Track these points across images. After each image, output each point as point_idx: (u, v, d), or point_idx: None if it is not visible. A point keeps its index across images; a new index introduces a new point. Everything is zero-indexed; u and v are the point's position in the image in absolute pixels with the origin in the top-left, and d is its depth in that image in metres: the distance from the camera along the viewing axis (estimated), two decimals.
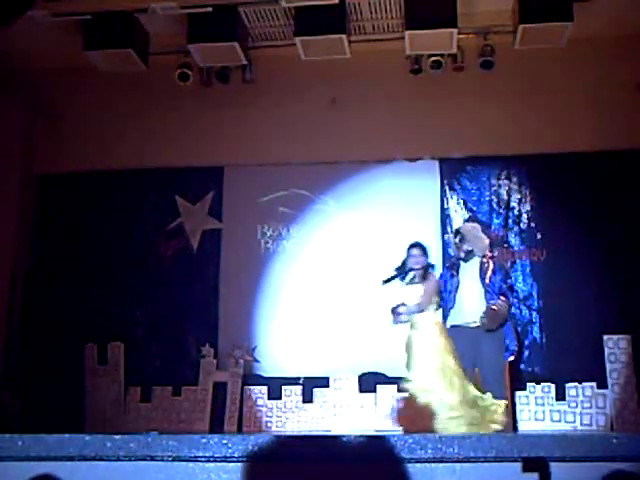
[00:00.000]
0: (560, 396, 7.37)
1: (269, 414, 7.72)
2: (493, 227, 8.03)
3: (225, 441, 2.60)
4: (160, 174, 8.50)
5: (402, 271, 5.70)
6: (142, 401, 7.93)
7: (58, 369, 7.93)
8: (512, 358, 6.16)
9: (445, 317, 5.95)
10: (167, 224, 8.44)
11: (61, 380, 7.89)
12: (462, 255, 5.89)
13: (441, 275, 6.00)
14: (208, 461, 2.60)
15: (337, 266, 8.06)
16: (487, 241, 6.07)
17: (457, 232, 5.95)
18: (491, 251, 6.40)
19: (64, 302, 8.23)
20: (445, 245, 8.00)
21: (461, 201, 8.12)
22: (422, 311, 5.49)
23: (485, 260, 5.87)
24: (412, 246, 5.71)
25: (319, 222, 8.24)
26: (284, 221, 8.30)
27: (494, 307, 5.65)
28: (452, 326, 5.83)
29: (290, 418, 7.70)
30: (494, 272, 5.81)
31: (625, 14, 7.32)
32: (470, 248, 5.88)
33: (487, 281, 5.82)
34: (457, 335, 5.62)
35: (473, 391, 5.38)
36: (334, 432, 7.30)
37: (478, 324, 5.74)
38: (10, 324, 8.23)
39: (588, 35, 7.39)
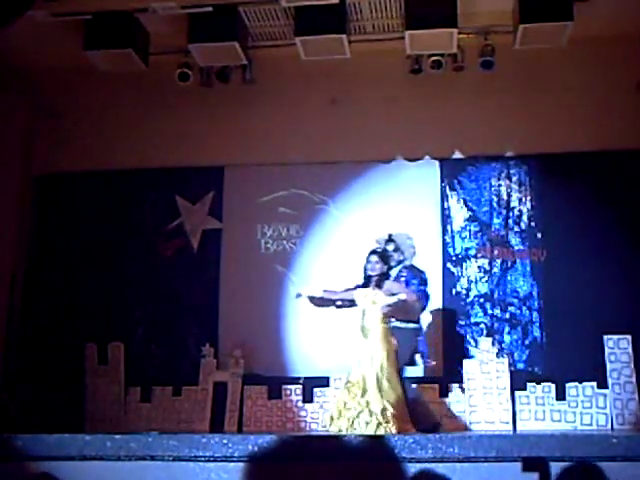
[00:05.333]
0: (560, 396, 7.37)
1: (269, 414, 7.72)
2: (493, 227, 8.03)
3: (225, 441, 2.61)
4: (160, 174, 8.49)
5: (365, 277, 6.06)
6: (142, 401, 7.93)
7: (58, 369, 7.93)
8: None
9: None
10: (167, 224, 8.44)
11: (61, 380, 7.89)
12: (393, 264, 6.04)
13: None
14: (208, 461, 2.60)
15: (337, 266, 8.05)
16: (414, 249, 6.21)
17: (391, 240, 6.07)
18: None
19: (64, 302, 8.24)
20: (445, 245, 8.01)
21: (461, 201, 8.12)
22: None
23: (403, 269, 6.02)
24: (371, 252, 5.93)
25: (319, 222, 8.23)
26: (284, 221, 8.29)
27: (401, 297, 5.85)
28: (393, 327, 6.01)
29: (290, 418, 7.69)
30: (407, 281, 5.97)
31: (625, 14, 7.31)
32: (402, 257, 6.03)
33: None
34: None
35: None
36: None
37: (416, 326, 5.92)
38: (10, 324, 8.23)
39: (588, 35, 7.38)
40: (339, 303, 6.16)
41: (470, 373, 7.49)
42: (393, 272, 6.04)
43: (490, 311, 7.85)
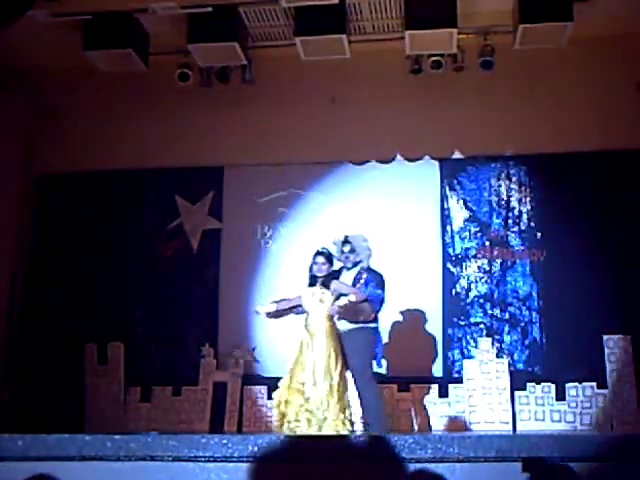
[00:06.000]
0: (560, 396, 7.37)
1: (269, 414, 7.71)
2: (493, 227, 8.03)
3: (225, 441, 2.61)
4: (160, 174, 8.50)
5: (311, 278, 6.03)
6: (142, 401, 7.94)
7: (58, 369, 7.93)
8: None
9: None
10: (167, 224, 8.44)
11: (61, 380, 7.89)
12: (349, 265, 6.10)
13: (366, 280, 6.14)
14: (208, 461, 2.60)
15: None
16: (370, 251, 6.21)
17: (347, 242, 6.11)
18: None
19: (64, 302, 8.24)
20: (445, 245, 8.01)
21: (461, 201, 8.12)
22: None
23: (362, 271, 6.04)
24: (317, 253, 5.93)
25: (319, 222, 8.23)
26: (284, 221, 8.30)
27: (351, 298, 5.84)
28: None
29: None
30: (366, 282, 5.99)
31: (625, 14, 7.32)
32: (359, 259, 6.05)
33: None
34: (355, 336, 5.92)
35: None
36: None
37: (373, 326, 5.97)
38: (10, 324, 8.23)
39: (588, 35, 7.38)
40: (295, 310, 6.12)
41: (470, 373, 7.49)
42: (351, 273, 6.06)
43: (490, 311, 7.85)
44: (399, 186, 8.14)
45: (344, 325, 5.93)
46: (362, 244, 6.15)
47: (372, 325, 5.99)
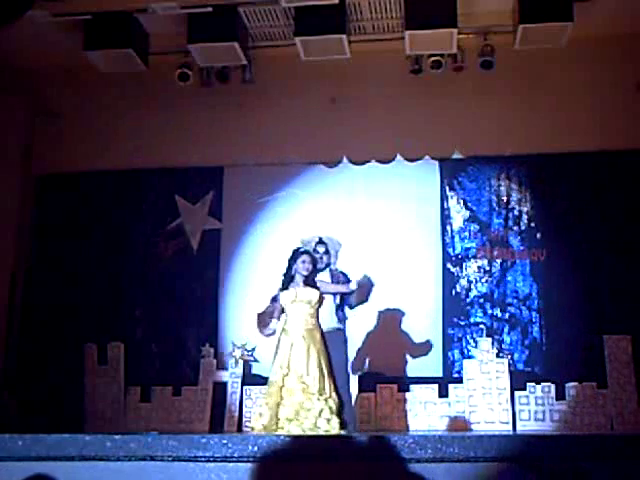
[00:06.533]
0: (560, 396, 7.37)
1: None
2: (493, 227, 8.02)
3: (225, 441, 2.61)
4: (160, 174, 8.50)
5: (288, 277, 5.97)
6: (142, 401, 7.93)
7: (58, 369, 7.93)
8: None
9: None
10: (167, 224, 8.44)
11: (61, 380, 7.89)
12: (322, 266, 6.25)
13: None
14: (208, 461, 2.60)
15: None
16: (337, 254, 6.41)
17: (322, 242, 6.23)
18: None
19: (64, 302, 8.23)
20: (445, 245, 8.01)
21: (461, 201, 8.12)
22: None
23: (335, 272, 6.23)
24: (301, 253, 5.99)
25: (319, 222, 8.22)
26: (284, 221, 8.29)
27: (363, 280, 6.08)
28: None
29: None
30: (346, 283, 6.15)
31: (625, 14, 7.33)
32: (330, 261, 6.26)
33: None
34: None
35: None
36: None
37: (341, 327, 6.20)
38: (10, 324, 8.23)
39: (588, 35, 7.39)
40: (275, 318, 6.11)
41: (470, 373, 7.49)
42: (324, 275, 6.14)
43: (490, 311, 7.85)
44: (399, 186, 8.14)
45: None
46: (335, 247, 6.30)
47: (340, 326, 6.10)
